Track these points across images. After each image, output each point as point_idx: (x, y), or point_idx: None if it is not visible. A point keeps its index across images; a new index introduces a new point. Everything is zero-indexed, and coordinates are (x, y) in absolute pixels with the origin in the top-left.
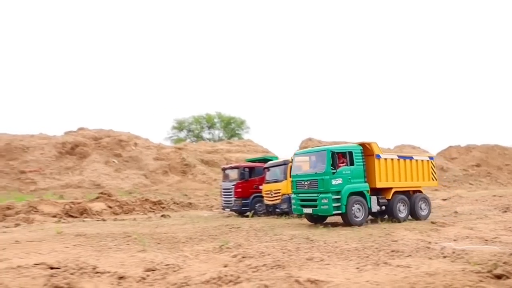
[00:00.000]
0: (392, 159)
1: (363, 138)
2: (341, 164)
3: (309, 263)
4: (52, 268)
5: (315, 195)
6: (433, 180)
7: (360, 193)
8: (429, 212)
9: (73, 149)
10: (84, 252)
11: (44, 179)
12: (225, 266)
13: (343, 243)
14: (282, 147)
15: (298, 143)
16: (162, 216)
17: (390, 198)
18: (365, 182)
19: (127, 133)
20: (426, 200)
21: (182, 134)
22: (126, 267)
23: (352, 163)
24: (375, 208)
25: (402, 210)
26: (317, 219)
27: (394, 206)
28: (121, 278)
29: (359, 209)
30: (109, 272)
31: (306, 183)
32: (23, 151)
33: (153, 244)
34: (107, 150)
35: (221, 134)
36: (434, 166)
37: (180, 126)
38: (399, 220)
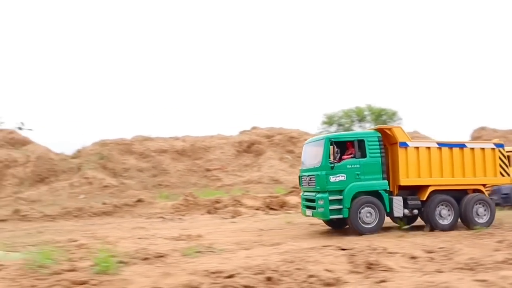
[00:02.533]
0: (428, 148)
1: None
2: (347, 156)
3: None
4: (343, 249)
5: (314, 194)
6: (502, 175)
7: (374, 193)
8: (491, 219)
9: (249, 147)
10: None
11: (227, 176)
12: (496, 251)
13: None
14: (447, 138)
15: (468, 133)
16: None
17: (425, 199)
18: (384, 178)
19: (296, 130)
20: (486, 203)
21: (332, 129)
22: (407, 249)
23: (363, 155)
24: (399, 212)
25: (444, 216)
26: (337, 224)
27: (431, 210)
28: (412, 257)
29: (369, 213)
30: (399, 253)
31: (307, 179)
32: (205, 151)
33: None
34: (280, 147)
35: (372, 127)
36: (504, 157)
37: (330, 120)
38: (436, 229)
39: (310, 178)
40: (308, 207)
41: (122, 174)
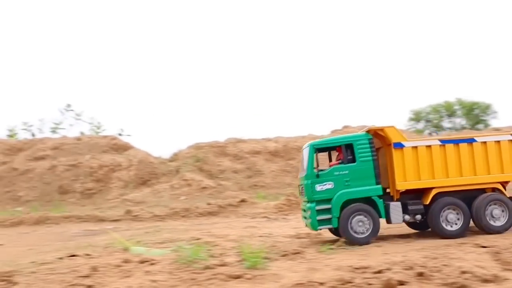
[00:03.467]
0: (428, 146)
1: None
2: (335, 163)
3: None
4: (483, 247)
5: (304, 204)
6: None
7: (366, 200)
8: (510, 221)
9: None
10: None
11: None
12: None
13: None
14: None
15: None
16: None
17: (428, 203)
18: (378, 183)
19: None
20: (503, 203)
21: (420, 125)
22: None
23: (353, 160)
24: (397, 218)
25: (451, 220)
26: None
27: (435, 214)
28: None
29: (361, 221)
30: None
31: (300, 188)
32: (298, 151)
33: None
34: None
35: (463, 122)
36: None
37: (417, 117)
38: (443, 235)
39: (301, 187)
40: (305, 217)
41: (218, 175)
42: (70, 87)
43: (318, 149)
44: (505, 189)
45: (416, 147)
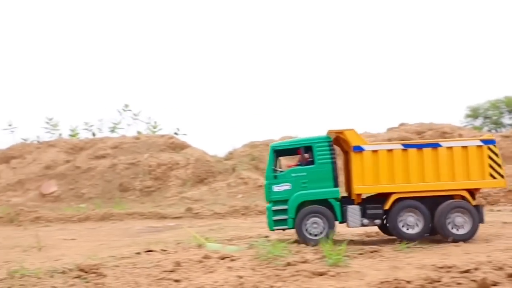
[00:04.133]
0: (389, 150)
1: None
2: (293, 164)
3: None
4: None
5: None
6: (492, 177)
7: (323, 202)
8: (472, 230)
9: None
10: None
11: None
12: None
13: None
14: None
15: None
16: None
17: (389, 207)
18: (336, 186)
19: (448, 125)
20: (466, 210)
21: (478, 122)
22: None
23: (312, 162)
24: (354, 222)
25: (411, 225)
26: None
27: (393, 219)
28: None
29: (316, 223)
30: None
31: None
32: None
33: None
34: None
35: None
36: (496, 155)
37: (474, 113)
38: (402, 239)
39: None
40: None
41: None
42: (128, 88)
43: (277, 151)
44: (473, 197)
45: (376, 151)
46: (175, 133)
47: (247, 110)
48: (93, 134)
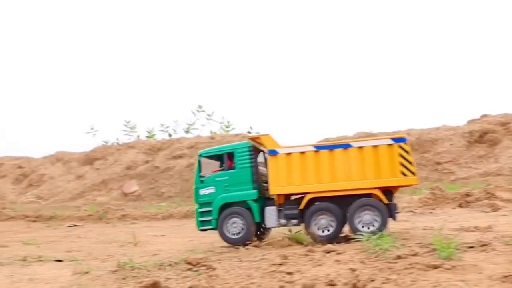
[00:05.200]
0: (302, 153)
1: None
2: (217, 169)
3: None
4: None
5: None
6: (404, 175)
7: (242, 203)
8: (381, 227)
9: (481, 137)
10: None
11: (460, 169)
12: None
13: None
14: None
15: None
16: None
17: (303, 208)
18: (254, 188)
19: None
20: (375, 208)
21: None
22: None
23: (234, 167)
24: (272, 222)
25: (324, 225)
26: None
27: (307, 219)
28: None
29: (235, 223)
30: None
31: None
32: (433, 144)
33: None
34: None
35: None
36: (407, 153)
37: None
38: (315, 240)
39: None
40: None
41: None
42: (201, 89)
43: (205, 157)
44: (391, 195)
45: (290, 153)
46: (248, 132)
47: (319, 106)
48: (169, 135)
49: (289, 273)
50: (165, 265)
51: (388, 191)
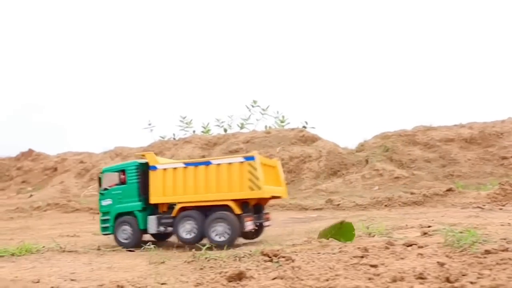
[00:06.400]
0: (175, 168)
1: None
2: (114, 184)
3: None
4: None
5: None
6: (251, 189)
7: (131, 213)
8: (231, 238)
9: None
10: None
11: None
12: None
13: None
14: None
15: None
16: None
17: (175, 215)
18: (140, 200)
19: None
20: (226, 221)
21: None
22: None
23: (125, 182)
24: (153, 229)
25: (189, 229)
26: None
27: (176, 225)
28: None
29: (124, 230)
30: None
31: None
32: (498, 137)
33: None
34: None
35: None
36: (255, 169)
37: None
38: (182, 242)
39: None
40: None
41: (410, 165)
42: (255, 84)
43: (106, 172)
44: (246, 206)
45: (166, 169)
46: (304, 127)
47: (378, 99)
48: (225, 130)
49: (373, 266)
50: (240, 257)
51: (245, 203)
